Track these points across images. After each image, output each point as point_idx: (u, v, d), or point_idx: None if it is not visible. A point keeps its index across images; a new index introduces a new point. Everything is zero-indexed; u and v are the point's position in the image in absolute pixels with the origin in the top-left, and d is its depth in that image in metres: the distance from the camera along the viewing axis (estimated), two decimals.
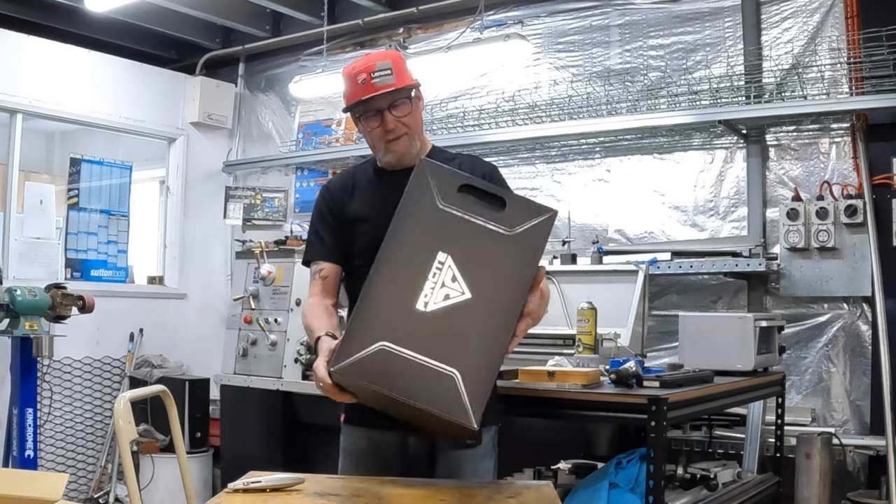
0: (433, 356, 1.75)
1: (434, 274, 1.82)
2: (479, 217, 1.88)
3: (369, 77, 2.24)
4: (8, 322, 4.29)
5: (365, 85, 2.24)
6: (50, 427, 5.07)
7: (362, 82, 2.24)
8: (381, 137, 2.29)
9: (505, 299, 1.83)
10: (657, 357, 4.04)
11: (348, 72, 2.30)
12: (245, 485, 1.82)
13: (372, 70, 2.25)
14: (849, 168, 3.90)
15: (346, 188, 2.40)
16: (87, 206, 5.52)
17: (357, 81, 2.26)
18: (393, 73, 2.25)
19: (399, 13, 5.30)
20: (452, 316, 1.79)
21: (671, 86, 4.24)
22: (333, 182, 2.49)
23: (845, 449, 3.62)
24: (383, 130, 2.27)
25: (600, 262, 4.00)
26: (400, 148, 2.29)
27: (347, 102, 2.30)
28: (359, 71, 2.26)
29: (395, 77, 2.25)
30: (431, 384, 1.74)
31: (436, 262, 1.83)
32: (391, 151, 2.29)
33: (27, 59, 5.12)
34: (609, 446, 3.62)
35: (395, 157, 2.30)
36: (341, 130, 5.60)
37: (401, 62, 2.31)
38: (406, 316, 1.80)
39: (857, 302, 3.84)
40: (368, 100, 2.24)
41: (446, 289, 1.81)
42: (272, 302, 4.64)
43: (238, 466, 2.75)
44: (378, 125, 2.27)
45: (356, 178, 2.42)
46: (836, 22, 3.94)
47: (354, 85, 2.27)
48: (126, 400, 2.51)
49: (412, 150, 2.31)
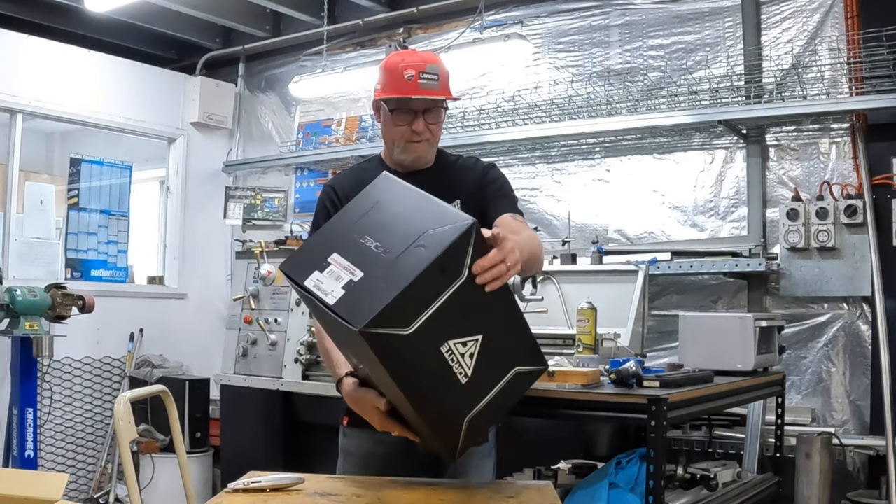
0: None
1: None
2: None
3: (417, 76, 2.22)
4: (8, 322, 4.29)
5: (411, 82, 2.21)
6: (50, 427, 5.07)
7: (409, 78, 2.22)
8: (405, 136, 2.27)
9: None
10: (657, 357, 4.03)
11: (394, 63, 2.26)
12: (245, 485, 1.82)
13: (422, 70, 2.23)
14: (849, 168, 3.89)
15: (350, 187, 2.34)
16: (87, 206, 5.52)
17: (403, 76, 2.22)
18: (439, 79, 2.25)
19: (399, 13, 5.30)
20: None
21: (671, 86, 4.24)
22: (337, 180, 2.46)
23: (845, 449, 3.62)
24: (410, 131, 2.26)
25: (600, 262, 4.00)
26: (419, 150, 2.28)
27: (387, 94, 2.26)
28: (408, 66, 2.23)
29: (440, 83, 2.24)
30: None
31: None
32: (410, 152, 2.29)
33: (27, 59, 5.12)
34: (609, 446, 3.62)
35: (411, 158, 2.29)
36: (341, 130, 5.60)
37: (446, 71, 2.31)
38: None
39: (856, 302, 3.84)
40: (409, 98, 2.22)
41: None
42: (272, 302, 4.64)
43: (238, 466, 2.75)
44: (406, 124, 2.26)
45: (360, 176, 2.36)
46: (835, 22, 3.94)
47: (399, 78, 2.23)
48: (126, 400, 2.51)
49: (428, 155, 2.32)
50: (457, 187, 2.30)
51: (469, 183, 2.34)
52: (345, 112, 5.63)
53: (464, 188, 2.31)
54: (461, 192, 2.29)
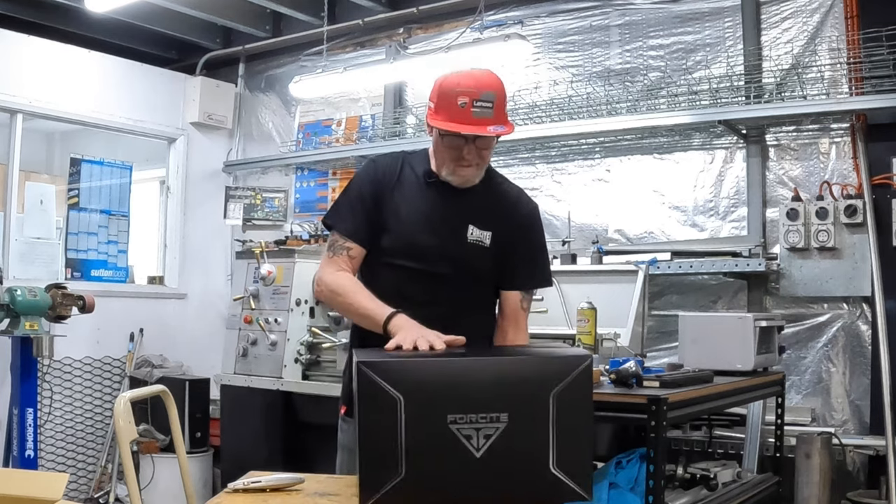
0: None
1: None
2: None
3: (471, 104, 2.15)
4: (8, 322, 4.30)
5: (464, 110, 2.14)
6: (50, 427, 5.07)
7: (462, 106, 2.15)
8: (454, 160, 2.24)
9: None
10: (657, 357, 4.04)
11: (450, 86, 2.19)
12: (245, 485, 1.83)
13: (476, 98, 2.15)
14: (848, 168, 3.90)
15: (392, 175, 2.34)
16: (88, 206, 5.52)
17: (457, 102, 2.15)
18: (493, 107, 2.16)
19: (399, 13, 5.30)
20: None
21: (671, 86, 4.24)
22: (382, 162, 2.40)
23: (845, 449, 3.62)
24: (459, 155, 2.23)
25: (600, 262, 4.00)
26: (466, 174, 2.26)
27: (438, 120, 2.19)
28: (463, 92, 2.16)
29: (494, 111, 2.16)
30: None
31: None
32: (457, 175, 2.27)
33: (27, 59, 5.12)
34: (609, 446, 3.62)
35: (458, 180, 2.28)
36: (341, 130, 5.61)
37: (503, 94, 2.22)
38: None
39: (856, 302, 3.84)
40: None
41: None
42: (272, 302, 4.64)
43: (238, 466, 2.76)
44: (457, 149, 2.22)
45: (404, 170, 2.35)
46: (835, 22, 3.94)
47: (452, 104, 2.16)
48: (126, 400, 2.51)
49: (475, 179, 2.29)
50: (494, 216, 2.31)
51: (506, 217, 2.33)
52: (345, 112, 5.64)
53: (499, 220, 2.31)
54: (494, 222, 2.30)
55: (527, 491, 1.75)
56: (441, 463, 1.71)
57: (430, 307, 2.22)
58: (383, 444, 1.70)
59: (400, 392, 1.70)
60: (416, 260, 2.28)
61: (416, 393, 1.71)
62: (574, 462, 1.76)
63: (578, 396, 1.76)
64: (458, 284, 2.29)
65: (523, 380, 1.75)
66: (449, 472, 1.72)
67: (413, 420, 1.70)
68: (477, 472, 1.72)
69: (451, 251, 2.28)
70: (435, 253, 2.27)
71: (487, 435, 1.72)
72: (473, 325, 2.28)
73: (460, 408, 1.71)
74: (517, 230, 2.35)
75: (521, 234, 2.35)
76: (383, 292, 2.24)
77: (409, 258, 2.28)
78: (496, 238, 2.30)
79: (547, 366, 1.79)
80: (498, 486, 1.74)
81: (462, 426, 1.71)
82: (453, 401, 1.72)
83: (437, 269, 2.27)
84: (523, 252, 2.36)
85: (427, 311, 2.18)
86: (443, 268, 2.27)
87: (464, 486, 1.73)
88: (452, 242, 2.28)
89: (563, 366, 1.76)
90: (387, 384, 1.71)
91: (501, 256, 2.33)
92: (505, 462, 1.72)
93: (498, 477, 1.73)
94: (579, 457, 1.77)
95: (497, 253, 2.31)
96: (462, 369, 1.77)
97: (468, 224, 2.29)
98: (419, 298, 2.25)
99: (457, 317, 2.23)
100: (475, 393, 1.73)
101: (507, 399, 1.73)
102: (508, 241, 2.33)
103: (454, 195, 2.29)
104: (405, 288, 2.28)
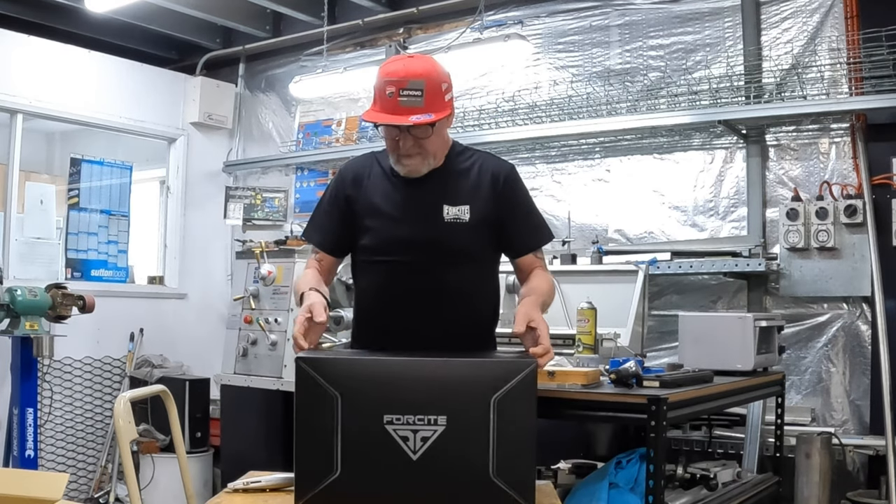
0: None
1: None
2: None
3: (397, 93, 2.08)
4: (8, 322, 4.30)
5: (391, 100, 2.08)
6: (50, 427, 5.07)
7: (389, 96, 2.08)
8: (394, 149, 2.23)
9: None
10: (657, 357, 4.04)
11: (380, 75, 2.15)
12: (245, 485, 1.83)
13: (402, 87, 2.08)
14: (848, 168, 3.90)
15: (362, 176, 2.35)
16: (88, 206, 5.52)
17: (384, 93, 2.10)
18: (423, 95, 2.08)
19: (399, 13, 5.30)
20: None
21: (671, 86, 4.24)
22: (351, 166, 2.42)
23: (845, 449, 3.62)
24: (396, 146, 2.20)
25: (600, 262, 4.00)
26: (410, 165, 2.24)
27: (368, 111, 2.17)
28: (390, 81, 2.09)
29: (424, 100, 2.08)
30: None
31: None
32: (402, 166, 2.26)
33: (27, 59, 5.12)
34: (609, 446, 3.62)
35: (404, 170, 2.26)
36: (341, 130, 5.61)
37: (436, 80, 2.14)
38: None
39: (856, 302, 3.84)
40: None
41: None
42: (272, 302, 4.64)
43: (238, 466, 2.75)
44: (391, 139, 2.20)
45: (374, 168, 2.35)
46: (835, 22, 3.94)
47: (382, 96, 2.11)
48: (126, 400, 2.51)
49: (423, 168, 2.25)
50: (467, 190, 2.28)
51: (482, 188, 2.30)
52: (345, 112, 5.63)
53: (474, 191, 2.29)
54: (469, 198, 2.27)
55: (465, 498, 1.71)
56: (377, 463, 1.69)
57: (418, 296, 2.24)
58: (319, 442, 1.68)
59: (337, 390, 1.68)
60: (397, 253, 2.27)
61: (353, 391, 1.69)
62: (515, 471, 1.72)
63: (521, 403, 1.72)
64: (444, 268, 2.26)
65: (462, 383, 1.72)
66: (385, 473, 1.69)
67: (349, 419, 1.68)
68: (413, 475, 1.69)
69: (429, 235, 2.26)
70: (413, 241, 2.26)
71: (425, 437, 1.69)
72: (468, 311, 2.29)
73: (397, 408, 1.69)
74: (501, 200, 2.31)
75: (505, 203, 2.32)
76: (373, 289, 2.26)
77: (391, 252, 2.28)
78: (476, 209, 2.26)
79: (488, 370, 1.75)
80: (435, 490, 1.71)
81: (399, 427, 1.69)
82: (390, 401, 1.69)
83: (420, 257, 2.25)
84: (515, 218, 2.34)
85: (417, 301, 2.19)
86: (425, 254, 2.25)
87: (399, 487, 1.70)
88: (428, 227, 2.26)
89: (504, 371, 1.72)
90: (324, 381, 1.69)
91: (493, 227, 2.31)
92: (442, 466, 1.70)
93: (435, 481, 1.70)
94: (521, 466, 1.73)
95: (481, 223, 2.28)
96: (401, 369, 1.75)
97: (441, 205, 2.26)
98: (407, 289, 2.25)
99: (450, 303, 2.24)
100: (413, 394, 1.70)
101: (445, 402, 1.70)
102: (493, 211, 2.29)
103: (421, 181, 2.27)
104: (392, 281, 2.28)
